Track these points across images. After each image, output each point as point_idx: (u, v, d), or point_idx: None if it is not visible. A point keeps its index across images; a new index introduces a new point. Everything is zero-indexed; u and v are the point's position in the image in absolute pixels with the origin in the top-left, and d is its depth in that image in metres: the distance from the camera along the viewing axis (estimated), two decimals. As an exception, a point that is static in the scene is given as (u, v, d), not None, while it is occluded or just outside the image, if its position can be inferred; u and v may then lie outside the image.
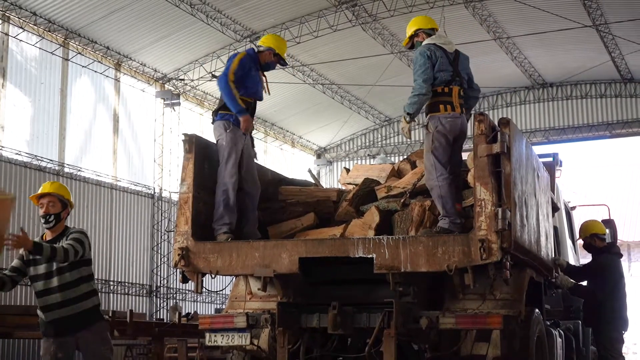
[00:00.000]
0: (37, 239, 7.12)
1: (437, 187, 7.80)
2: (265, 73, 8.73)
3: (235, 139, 8.34)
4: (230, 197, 8.26)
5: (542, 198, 9.13)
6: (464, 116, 7.87)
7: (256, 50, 8.67)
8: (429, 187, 7.91)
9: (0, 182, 14.75)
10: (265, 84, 8.73)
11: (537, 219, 8.68)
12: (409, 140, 24.79)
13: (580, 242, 11.11)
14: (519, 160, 7.77)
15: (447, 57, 8.10)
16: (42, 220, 7.12)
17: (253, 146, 8.83)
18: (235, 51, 18.23)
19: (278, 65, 8.90)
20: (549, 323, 9.66)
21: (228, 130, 8.37)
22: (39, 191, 7.22)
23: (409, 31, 8.27)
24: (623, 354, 10.34)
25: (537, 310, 8.71)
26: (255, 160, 8.81)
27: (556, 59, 21.41)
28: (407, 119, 7.75)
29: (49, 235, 7.23)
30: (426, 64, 7.90)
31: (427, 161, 7.87)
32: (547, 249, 9.30)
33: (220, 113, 8.47)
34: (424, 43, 8.09)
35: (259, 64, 8.65)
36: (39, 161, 15.81)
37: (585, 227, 10.86)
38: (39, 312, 7.23)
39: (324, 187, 11.41)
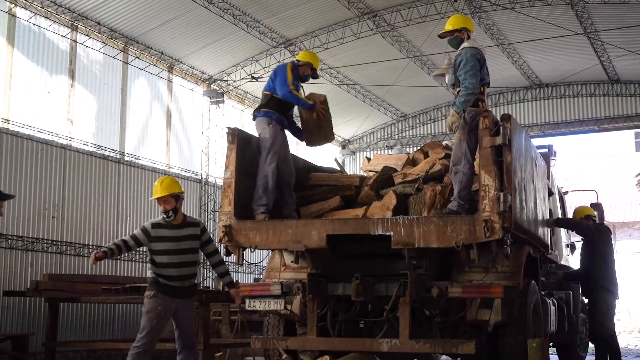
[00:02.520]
0: (159, 219, 7.54)
1: (462, 174, 7.78)
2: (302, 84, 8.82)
3: (276, 133, 8.43)
4: (269, 182, 8.32)
5: (539, 184, 9.08)
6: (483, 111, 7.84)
7: (298, 64, 8.76)
8: (454, 171, 7.85)
9: (70, 169, 14.86)
10: (302, 92, 8.80)
11: (535, 202, 8.65)
12: (424, 133, 24.72)
13: None
14: (518, 151, 7.77)
15: (485, 60, 8.07)
16: (165, 217, 7.49)
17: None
18: (275, 58, 18.32)
19: (311, 78, 9.01)
20: (543, 293, 9.63)
21: (270, 125, 8.46)
22: (153, 196, 7.56)
23: (456, 25, 8.18)
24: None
25: (533, 281, 8.70)
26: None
27: (551, 62, 21.26)
28: (460, 114, 7.70)
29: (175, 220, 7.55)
30: (477, 66, 7.87)
31: (459, 149, 7.82)
32: (543, 228, 9.27)
33: (263, 110, 8.56)
34: (468, 46, 8.02)
35: (298, 74, 8.74)
36: (103, 151, 15.90)
37: (579, 210, 10.90)
38: (156, 276, 7.45)
39: (348, 173, 11.41)
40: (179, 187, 7.66)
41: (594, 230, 10.25)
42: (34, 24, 14.55)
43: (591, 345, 12.14)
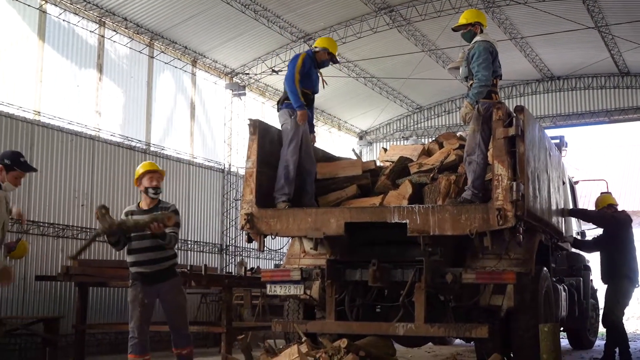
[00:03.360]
0: (132, 207, 7.22)
1: (475, 164, 7.76)
2: (321, 70, 8.78)
3: (297, 124, 8.41)
4: (291, 172, 8.32)
5: (553, 173, 9.01)
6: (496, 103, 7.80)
7: (315, 50, 8.73)
8: (468, 161, 7.83)
9: (99, 159, 14.94)
10: (321, 79, 8.76)
11: (549, 191, 8.59)
12: (439, 124, 24.63)
13: None
14: (532, 141, 7.71)
15: (497, 53, 8.04)
16: (152, 191, 7.33)
17: (312, 132, 8.88)
18: (295, 52, 18.28)
19: (331, 63, 8.94)
20: (555, 279, 9.59)
21: (292, 117, 8.45)
22: (141, 169, 7.40)
23: (470, 19, 8.16)
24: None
25: (545, 268, 8.66)
26: (313, 144, 8.87)
27: (563, 55, 21.10)
28: (474, 105, 7.69)
29: (145, 205, 7.35)
30: (489, 59, 7.84)
31: (473, 140, 7.80)
32: (557, 216, 9.21)
33: (286, 102, 8.56)
34: (481, 39, 8.00)
35: (316, 62, 8.69)
36: (130, 141, 15.98)
37: (601, 199, 10.75)
38: (131, 265, 7.29)
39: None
40: (163, 170, 7.64)
41: (612, 219, 10.10)
42: (63, 20, 14.61)
43: (602, 329, 12.08)
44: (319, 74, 8.72)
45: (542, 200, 8.12)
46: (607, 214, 10.22)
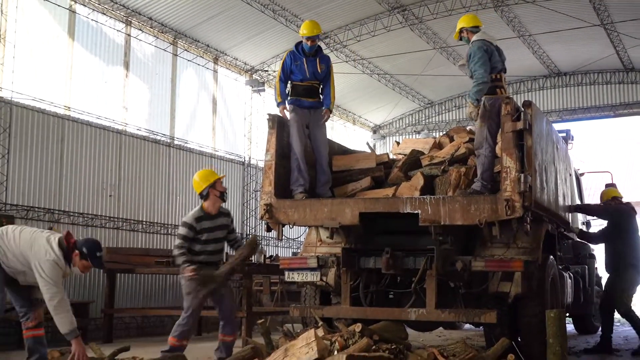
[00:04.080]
0: (197, 212, 7.58)
1: (483, 157, 7.74)
2: (333, 66, 8.72)
3: (297, 117, 8.41)
4: (301, 164, 8.33)
5: (560, 166, 8.96)
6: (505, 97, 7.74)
7: (296, 44, 8.72)
8: (477, 154, 7.82)
9: (125, 152, 15.01)
10: (318, 66, 8.62)
11: (556, 183, 8.54)
12: (449, 119, 24.56)
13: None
14: (539, 135, 7.69)
15: (497, 50, 8.02)
16: (222, 198, 7.64)
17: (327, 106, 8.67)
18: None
19: (314, 42, 8.67)
20: (561, 267, 9.54)
21: (292, 112, 8.48)
22: (212, 178, 7.66)
23: (457, 27, 8.23)
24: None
25: (551, 256, 8.62)
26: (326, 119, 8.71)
27: (569, 52, 20.98)
28: (475, 104, 7.70)
29: (214, 209, 7.62)
30: (484, 57, 7.82)
31: (480, 135, 7.79)
32: (564, 207, 9.17)
33: (289, 98, 8.57)
34: (474, 39, 8.02)
35: (302, 53, 8.64)
36: (155, 135, 16.04)
37: (605, 192, 10.66)
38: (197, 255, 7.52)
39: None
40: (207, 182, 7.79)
41: (616, 212, 10.01)
42: (92, 20, 14.68)
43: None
44: (311, 60, 8.61)
45: (550, 191, 8.09)
46: (611, 207, 10.14)
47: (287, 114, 8.48)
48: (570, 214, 10.30)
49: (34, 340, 6.37)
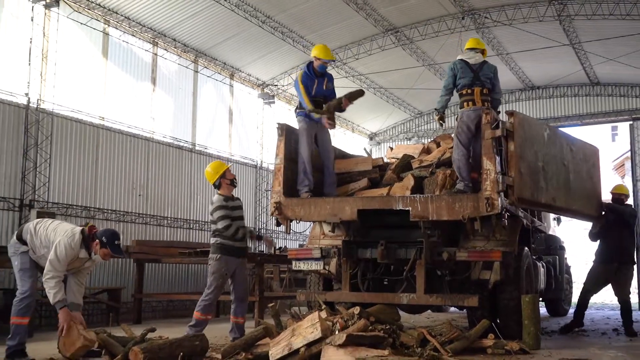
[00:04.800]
0: (222, 196, 7.74)
1: (457, 160, 7.75)
2: (335, 80, 8.69)
3: (307, 126, 8.42)
4: (307, 167, 8.32)
5: (574, 164, 8.77)
6: (485, 109, 7.70)
7: (308, 64, 8.65)
8: (452, 159, 7.85)
9: (153, 157, 15.03)
10: (325, 83, 8.58)
11: (566, 179, 8.46)
12: (436, 127, 24.51)
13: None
14: (527, 139, 7.53)
15: (469, 67, 7.98)
16: (233, 185, 7.79)
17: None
18: (299, 70, 18.27)
19: (328, 64, 8.59)
20: (534, 257, 9.53)
21: (303, 122, 8.46)
22: (222, 169, 7.80)
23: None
24: None
25: (526, 248, 8.62)
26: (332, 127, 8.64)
27: (542, 68, 20.95)
28: (435, 113, 7.89)
29: (230, 193, 7.79)
30: (448, 75, 7.90)
31: (454, 142, 7.84)
32: (580, 199, 8.96)
33: (299, 110, 8.54)
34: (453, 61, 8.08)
35: (313, 73, 8.59)
36: (178, 142, 16.05)
37: (620, 186, 10.32)
38: (228, 241, 7.53)
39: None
40: (217, 172, 7.89)
41: (625, 210, 9.70)
42: (123, 41, 14.70)
43: (574, 300, 11.99)
44: (322, 79, 8.57)
45: (551, 186, 7.90)
46: (622, 205, 9.72)
47: (324, 121, 8.33)
48: (541, 212, 10.25)
49: None
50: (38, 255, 6.23)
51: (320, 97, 8.44)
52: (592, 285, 9.64)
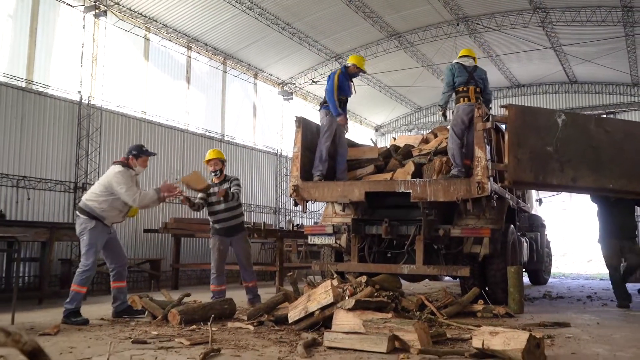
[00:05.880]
0: (209, 181, 7.37)
1: (451, 149, 7.71)
2: (353, 79, 8.68)
3: (330, 121, 8.39)
4: (323, 155, 8.30)
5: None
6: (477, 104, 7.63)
7: (346, 66, 8.62)
8: (447, 148, 7.80)
9: (187, 146, 15.07)
10: (353, 87, 8.65)
11: (569, 161, 7.83)
12: (434, 120, 24.38)
13: None
14: (524, 127, 7.20)
15: (465, 69, 7.94)
16: (213, 173, 7.52)
17: (345, 115, 8.51)
18: (328, 67, 18.20)
19: (360, 73, 8.80)
20: (519, 234, 9.48)
21: (327, 116, 8.42)
22: (207, 157, 7.55)
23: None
24: None
25: (512, 225, 8.57)
26: (345, 125, 8.60)
27: (527, 68, 20.75)
28: (439, 108, 7.83)
29: (215, 180, 7.48)
30: (448, 75, 7.84)
31: (449, 132, 7.80)
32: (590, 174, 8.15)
33: (324, 105, 8.51)
34: (451, 62, 8.06)
35: (348, 75, 8.59)
36: (209, 133, 16.08)
37: None
38: (212, 222, 7.43)
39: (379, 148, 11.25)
40: (223, 156, 7.75)
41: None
42: (161, 45, 14.69)
43: (555, 270, 11.92)
44: (350, 83, 8.60)
45: (552, 168, 7.31)
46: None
47: (342, 120, 8.22)
48: (525, 194, 10.19)
49: (118, 290, 6.44)
50: (111, 206, 6.21)
51: (344, 96, 8.45)
52: None
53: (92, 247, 6.12)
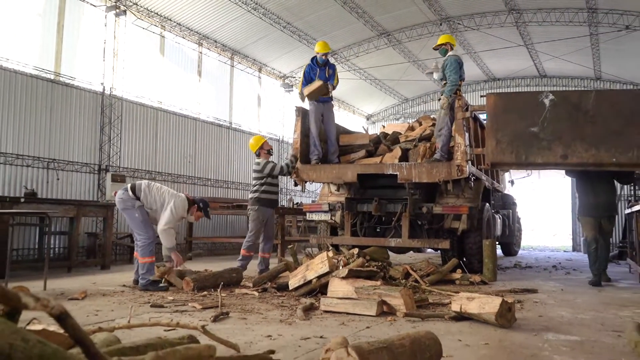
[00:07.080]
0: (262, 160, 7.56)
1: (444, 136, 7.65)
2: (339, 74, 8.57)
3: (315, 109, 8.32)
4: (315, 140, 8.27)
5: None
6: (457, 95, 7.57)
7: (314, 56, 8.53)
8: (439, 134, 7.66)
9: (199, 133, 14.99)
10: (328, 71, 8.43)
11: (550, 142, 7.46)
12: (419, 110, 24.30)
13: None
14: (504, 112, 6.86)
15: (463, 64, 7.83)
16: (270, 152, 7.63)
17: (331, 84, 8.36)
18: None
19: (325, 57, 8.33)
20: (493, 211, 9.50)
21: (312, 104, 8.38)
22: (264, 139, 7.69)
23: (443, 40, 7.89)
24: None
25: (487, 204, 8.58)
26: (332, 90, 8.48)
27: (502, 64, 20.63)
28: (450, 99, 7.45)
29: (267, 158, 7.62)
30: (457, 68, 7.66)
31: (443, 121, 7.66)
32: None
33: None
34: (452, 54, 7.79)
35: (316, 63, 8.49)
36: (219, 121, 15.98)
37: None
38: (266, 195, 7.47)
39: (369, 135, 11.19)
40: (260, 142, 7.70)
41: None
42: (175, 42, 14.53)
43: (525, 243, 11.94)
44: (324, 68, 8.43)
45: (557, 146, 6.60)
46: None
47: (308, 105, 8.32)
48: (499, 175, 10.17)
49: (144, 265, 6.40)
50: (153, 209, 6.19)
51: (323, 81, 8.36)
52: None
53: (147, 222, 6.07)
